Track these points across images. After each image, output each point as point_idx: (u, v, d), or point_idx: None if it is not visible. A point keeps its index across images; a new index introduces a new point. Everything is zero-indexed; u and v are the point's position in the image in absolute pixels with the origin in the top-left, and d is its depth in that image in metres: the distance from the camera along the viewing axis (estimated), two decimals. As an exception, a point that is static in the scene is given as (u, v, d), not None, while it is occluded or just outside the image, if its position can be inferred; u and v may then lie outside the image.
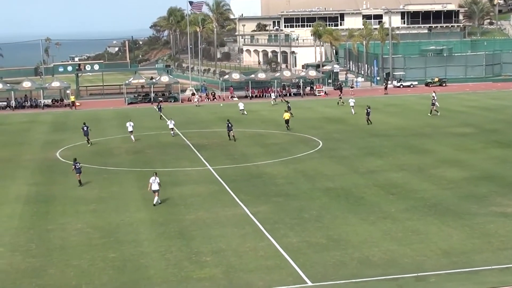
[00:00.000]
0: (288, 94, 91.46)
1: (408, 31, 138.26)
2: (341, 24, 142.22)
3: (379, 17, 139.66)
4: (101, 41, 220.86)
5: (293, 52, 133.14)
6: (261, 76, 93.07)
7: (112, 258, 26.90)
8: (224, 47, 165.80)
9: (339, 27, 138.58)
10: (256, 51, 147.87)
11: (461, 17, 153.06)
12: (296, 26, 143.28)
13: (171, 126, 58.63)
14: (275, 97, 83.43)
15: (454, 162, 43.51)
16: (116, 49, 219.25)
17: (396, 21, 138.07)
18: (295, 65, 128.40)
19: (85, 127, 54.87)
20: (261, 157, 47.44)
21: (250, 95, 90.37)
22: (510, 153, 46.24)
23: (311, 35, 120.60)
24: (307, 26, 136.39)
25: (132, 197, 36.81)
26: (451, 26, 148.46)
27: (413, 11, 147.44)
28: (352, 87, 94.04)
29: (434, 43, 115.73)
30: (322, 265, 25.30)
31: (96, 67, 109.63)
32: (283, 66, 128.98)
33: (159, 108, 73.24)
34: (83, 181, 40.39)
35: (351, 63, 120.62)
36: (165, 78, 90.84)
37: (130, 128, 56.13)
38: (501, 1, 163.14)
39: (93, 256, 27.11)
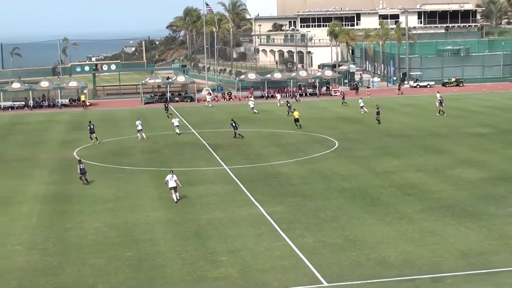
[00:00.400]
0: (304, 94, 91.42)
1: (425, 31, 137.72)
2: (357, 24, 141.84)
3: (395, 17, 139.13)
4: (118, 41, 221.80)
5: (309, 52, 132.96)
6: (277, 76, 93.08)
7: (128, 257, 27.02)
8: (240, 47, 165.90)
9: (355, 27, 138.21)
10: (272, 51, 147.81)
11: (478, 16, 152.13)
12: (312, 26, 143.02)
13: (176, 124, 59.54)
14: (281, 97, 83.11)
15: (471, 163, 43.28)
16: (133, 49, 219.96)
17: (413, 21, 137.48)
18: (311, 65, 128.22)
19: (91, 125, 55.72)
20: (277, 157, 47.44)
21: (266, 95, 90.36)
22: (528, 154, 45.96)
23: (327, 35, 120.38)
24: (323, 26, 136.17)
25: (148, 196, 36.94)
26: (469, 26, 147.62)
27: (430, 11, 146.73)
28: (368, 87, 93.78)
29: (451, 43, 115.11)
30: (338, 266, 25.26)
31: (113, 67, 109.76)
32: (299, 66, 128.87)
33: (166, 108, 73.52)
34: (100, 180, 40.61)
35: (367, 63, 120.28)
36: (181, 78, 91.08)
37: (140, 127, 56.54)
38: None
39: (109, 255, 27.24)
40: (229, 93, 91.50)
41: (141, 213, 33.39)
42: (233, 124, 56.18)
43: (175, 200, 35.14)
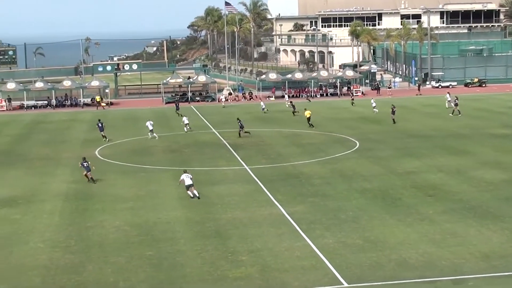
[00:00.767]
0: (325, 94, 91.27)
1: (447, 31, 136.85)
2: (379, 24, 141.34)
3: (417, 16, 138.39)
4: (140, 41, 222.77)
5: (330, 52, 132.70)
6: (298, 76, 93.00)
7: (149, 255, 27.14)
8: (261, 47, 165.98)
9: (377, 27, 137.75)
10: (293, 51, 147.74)
11: (501, 16, 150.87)
12: (333, 26, 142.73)
13: (186, 122, 60.64)
14: (288, 97, 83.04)
15: (494, 164, 42.92)
16: (154, 49, 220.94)
17: (435, 20, 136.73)
18: (332, 65, 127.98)
19: (100, 124, 57.12)
20: (297, 157, 47.40)
21: (288, 95, 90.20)
22: (551, 155, 45.51)
23: (349, 35, 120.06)
24: (344, 26, 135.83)
25: (169, 195, 37.07)
26: (492, 25, 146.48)
27: (453, 11, 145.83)
28: (389, 88, 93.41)
29: (474, 43, 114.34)
30: (359, 266, 25.19)
31: (135, 66, 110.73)
32: (320, 66, 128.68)
33: (177, 107, 73.71)
34: (121, 179, 40.86)
35: (388, 63, 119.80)
36: (202, 78, 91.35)
37: (150, 127, 56.97)
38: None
39: (130, 254, 27.38)
40: (250, 93, 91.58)
41: (161, 212, 33.52)
42: (239, 123, 56.72)
43: (196, 196, 35.55)
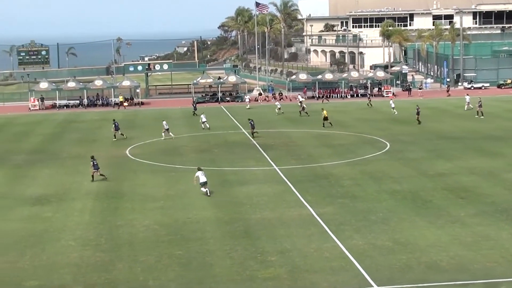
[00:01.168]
0: (355, 95, 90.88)
1: (480, 32, 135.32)
2: (410, 25, 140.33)
3: (449, 17, 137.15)
4: (171, 41, 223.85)
5: (361, 53, 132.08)
6: (329, 76, 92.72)
7: (178, 255, 27.24)
8: (292, 48, 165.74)
9: (408, 27, 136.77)
10: (324, 52, 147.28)
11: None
12: (364, 26, 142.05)
13: (204, 120, 62.10)
14: (302, 97, 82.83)
15: (526, 166, 42.38)
16: (185, 49, 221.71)
17: (468, 21, 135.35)
18: (363, 66, 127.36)
19: (116, 123, 58.23)
20: (327, 158, 47.24)
21: (317, 96, 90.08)
22: None
23: (380, 35, 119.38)
24: (375, 27, 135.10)
25: (199, 195, 37.14)
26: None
27: (486, 11, 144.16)
28: (420, 89, 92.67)
29: (507, 43, 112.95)
30: (388, 268, 25.03)
31: (165, 66, 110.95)
32: (351, 66, 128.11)
33: (195, 107, 73.84)
34: (151, 179, 41.14)
35: (420, 64, 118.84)
36: (232, 78, 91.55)
37: (166, 126, 57.30)
38: None
39: (160, 253, 27.52)
40: (280, 94, 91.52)
41: (191, 212, 33.63)
42: (251, 123, 56.96)
43: (207, 193, 36.45)
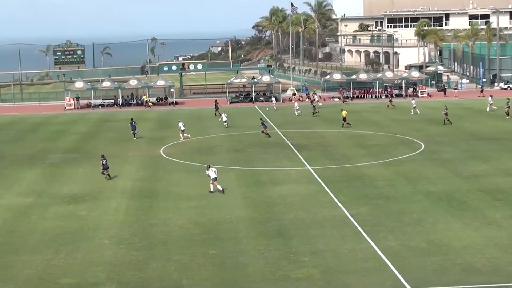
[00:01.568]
0: (390, 95, 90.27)
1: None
2: (446, 24, 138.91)
3: (486, 17, 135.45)
4: (205, 41, 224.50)
5: (396, 53, 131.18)
6: (363, 76, 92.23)
7: (212, 254, 27.34)
8: (326, 48, 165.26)
9: (444, 27, 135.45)
10: (358, 52, 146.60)
11: None
12: (399, 26, 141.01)
13: (224, 119, 64.04)
14: (318, 98, 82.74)
15: None
16: (219, 49, 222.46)
17: (505, 21, 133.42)
18: (398, 66, 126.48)
19: (133, 122, 59.35)
20: (361, 158, 47.03)
21: (351, 96, 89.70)
22: None
23: (415, 35, 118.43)
24: (410, 26, 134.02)
25: (232, 195, 37.27)
26: None
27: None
28: (456, 89, 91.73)
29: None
30: (422, 270, 24.83)
31: (200, 66, 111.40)
32: (385, 66, 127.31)
33: (217, 107, 74.04)
34: (185, 178, 41.33)
35: (455, 64, 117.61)
36: (266, 78, 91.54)
37: (182, 127, 57.40)
38: None
39: (193, 252, 27.64)
40: (314, 94, 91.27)
41: (225, 212, 33.74)
42: (263, 123, 57.56)
43: (219, 189, 37.26)
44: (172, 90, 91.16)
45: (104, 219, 33.18)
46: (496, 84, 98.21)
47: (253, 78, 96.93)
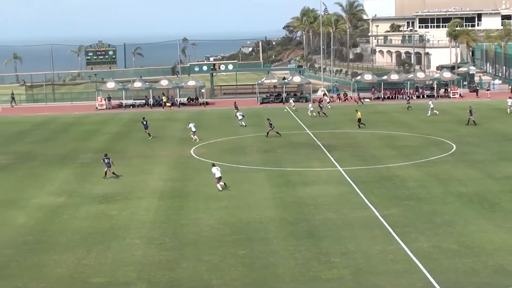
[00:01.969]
0: (421, 96, 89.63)
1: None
2: (478, 25, 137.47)
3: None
4: (236, 42, 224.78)
5: (427, 53, 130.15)
6: (394, 77, 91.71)
7: (242, 254, 27.42)
8: (357, 48, 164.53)
9: (476, 27, 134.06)
10: (389, 52, 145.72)
11: None
12: (431, 27, 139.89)
13: (240, 117, 64.94)
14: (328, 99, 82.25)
15: None
16: (250, 49, 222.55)
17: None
18: (429, 67, 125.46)
19: (145, 122, 60.04)
20: (392, 159, 46.80)
21: (383, 97, 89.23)
22: None
23: (447, 35, 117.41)
24: (442, 27, 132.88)
25: (262, 195, 37.33)
26: None
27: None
28: (488, 90, 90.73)
29: None
30: (454, 272, 24.66)
31: (230, 67, 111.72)
32: (417, 67, 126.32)
33: (236, 108, 74.04)
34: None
35: (488, 65, 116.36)
36: (297, 78, 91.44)
37: (194, 129, 57.54)
38: None
39: (224, 252, 27.75)
40: (345, 94, 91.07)
41: (255, 212, 33.81)
42: (270, 123, 57.75)
43: (221, 188, 37.93)
44: (202, 90, 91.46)
45: (134, 219, 33.44)
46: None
47: (284, 78, 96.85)
